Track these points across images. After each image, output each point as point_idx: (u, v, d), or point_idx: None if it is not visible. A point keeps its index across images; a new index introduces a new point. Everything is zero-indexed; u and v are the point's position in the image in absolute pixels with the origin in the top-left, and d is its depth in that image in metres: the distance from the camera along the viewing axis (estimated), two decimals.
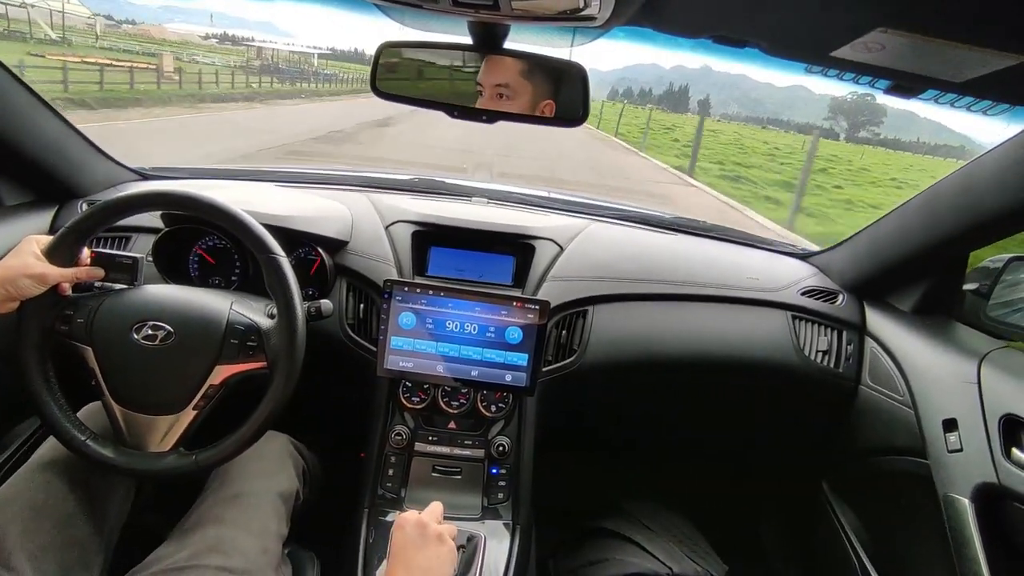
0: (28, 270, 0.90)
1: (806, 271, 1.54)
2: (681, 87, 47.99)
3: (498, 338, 1.22)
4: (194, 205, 0.99)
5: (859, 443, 1.37)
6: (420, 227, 1.41)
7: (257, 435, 0.96)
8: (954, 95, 0.82)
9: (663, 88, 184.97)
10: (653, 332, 1.38)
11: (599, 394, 1.46)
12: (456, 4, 0.69)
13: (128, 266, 1.04)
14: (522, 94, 0.96)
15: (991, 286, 1.20)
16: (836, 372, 1.37)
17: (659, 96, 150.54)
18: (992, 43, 0.63)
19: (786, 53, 0.78)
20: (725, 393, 1.49)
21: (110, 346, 0.96)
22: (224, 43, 57.35)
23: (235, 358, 0.97)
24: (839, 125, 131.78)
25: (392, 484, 1.23)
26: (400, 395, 1.26)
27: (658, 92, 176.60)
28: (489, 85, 0.95)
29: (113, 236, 1.35)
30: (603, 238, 1.50)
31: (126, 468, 0.95)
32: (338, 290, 1.33)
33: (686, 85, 52.47)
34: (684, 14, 0.74)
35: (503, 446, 1.24)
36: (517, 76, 0.95)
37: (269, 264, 0.98)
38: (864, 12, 0.62)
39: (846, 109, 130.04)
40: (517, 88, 0.95)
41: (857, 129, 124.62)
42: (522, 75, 0.95)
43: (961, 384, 1.07)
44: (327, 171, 1.76)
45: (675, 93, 61.92)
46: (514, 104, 0.96)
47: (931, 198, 1.20)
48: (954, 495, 1.01)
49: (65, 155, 1.38)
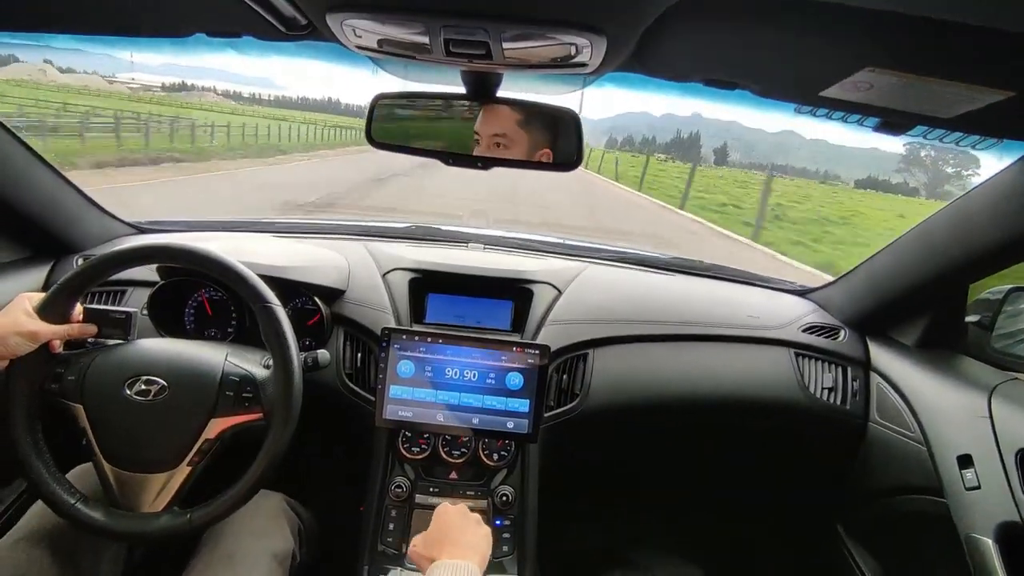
0: (19, 328, 0.89)
1: (806, 307, 1.53)
2: (692, 134, 46.45)
3: (499, 384, 1.20)
4: (190, 257, 0.98)
5: (872, 482, 1.34)
6: (417, 274, 1.41)
7: (254, 489, 0.93)
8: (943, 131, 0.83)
9: (669, 136, 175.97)
10: (656, 374, 1.36)
11: (603, 439, 1.43)
12: (449, 54, 0.70)
13: (121, 321, 1.03)
14: (519, 143, 0.97)
15: (993, 317, 1.19)
16: (844, 409, 1.34)
17: (667, 144, 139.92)
18: (979, 79, 0.64)
19: (776, 94, 0.80)
20: (732, 434, 1.45)
21: (102, 403, 0.93)
22: (174, 92, 54.82)
23: (231, 410, 0.95)
24: (915, 179, 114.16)
25: (393, 539, 1.18)
26: (400, 445, 1.23)
27: (664, 139, 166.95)
28: (487, 135, 0.97)
29: (108, 290, 1.34)
30: (601, 280, 1.50)
31: (118, 532, 0.91)
32: (335, 339, 1.31)
33: (696, 132, 51.16)
34: (675, 58, 0.76)
35: (507, 496, 1.20)
36: (514, 126, 0.96)
37: (264, 314, 0.97)
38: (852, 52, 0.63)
39: (924, 162, 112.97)
40: (514, 137, 0.97)
41: (941, 183, 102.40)
42: (519, 124, 0.96)
43: (973, 419, 1.05)
44: (323, 221, 1.77)
45: (684, 141, 59.29)
46: (510, 152, 0.98)
47: (926, 232, 1.20)
48: (976, 535, 0.98)
49: (60, 210, 1.38)
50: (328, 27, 0.67)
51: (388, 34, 0.67)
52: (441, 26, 0.63)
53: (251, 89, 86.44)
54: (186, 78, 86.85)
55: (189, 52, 0.95)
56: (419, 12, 0.61)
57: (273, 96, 72.83)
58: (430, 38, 0.66)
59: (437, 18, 0.61)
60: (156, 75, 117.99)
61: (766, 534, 1.74)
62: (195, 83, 78.84)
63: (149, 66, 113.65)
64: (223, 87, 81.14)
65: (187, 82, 61.11)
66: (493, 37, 0.64)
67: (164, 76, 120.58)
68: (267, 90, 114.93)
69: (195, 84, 76.30)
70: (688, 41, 0.70)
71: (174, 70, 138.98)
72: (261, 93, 69.73)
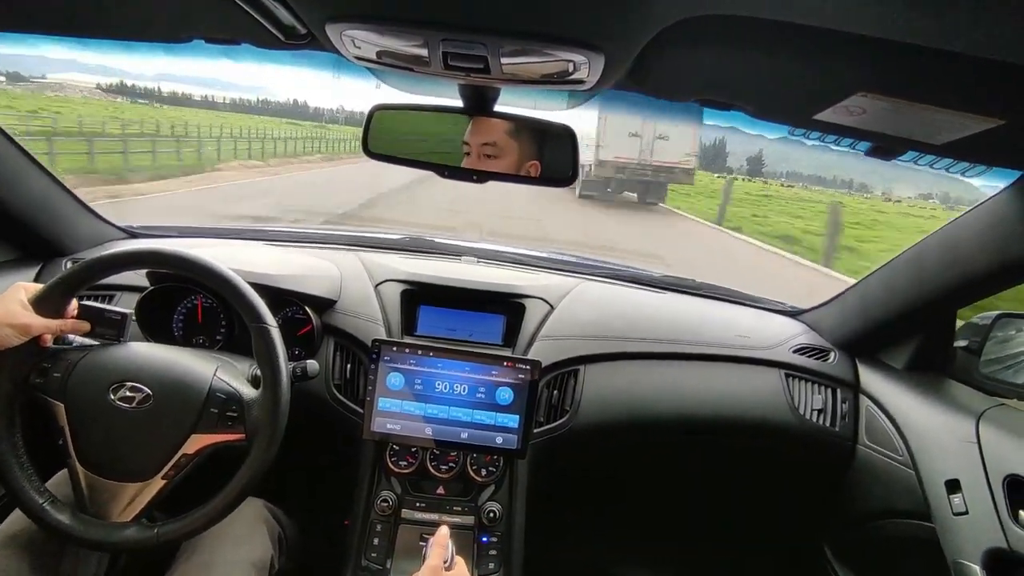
0: (12, 319, 0.87)
1: (796, 328, 1.53)
2: (718, 141, 43.82)
3: (488, 399, 1.19)
4: (188, 266, 0.98)
5: (860, 505, 1.33)
6: (409, 286, 1.40)
7: (228, 509, 0.92)
8: (933, 157, 0.84)
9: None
10: (646, 392, 1.36)
11: (592, 455, 1.42)
12: (448, 67, 0.70)
13: (116, 322, 1.01)
14: (508, 153, 0.97)
15: (981, 343, 1.20)
16: (833, 431, 1.34)
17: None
18: (969, 108, 0.65)
19: (771, 116, 0.80)
20: (721, 453, 1.45)
21: (83, 405, 0.92)
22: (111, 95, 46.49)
23: (213, 428, 0.93)
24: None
25: (377, 555, 1.16)
26: (387, 459, 1.21)
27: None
28: (476, 144, 0.97)
29: (96, 294, 1.32)
30: (593, 297, 1.50)
31: (80, 537, 0.89)
32: (325, 349, 1.30)
33: (722, 139, 48.40)
34: (671, 78, 0.77)
35: (494, 512, 1.19)
36: (503, 135, 0.96)
37: (258, 333, 0.96)
38: (845, 77, 0.64)
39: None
40: (504, 147, 0.97)
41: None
42: (509, 134, 0.96)
43: (961, 443, 1.06)
44: (315, 230, 1.77)
45: (709, 149, 56.46)
46: (501, 163, 0.97)
47: (917, 256, 1.22)
48: (964, 561, 0.97)
49: (52, 213, 1.37)
50: (328, 37, 0.67)
51: (387, 46, 0.68)
52: (440, 39, 0.63)
53: (205, 91, 75.63)
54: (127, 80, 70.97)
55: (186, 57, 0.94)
56: (419, 25, 0.62)
57: (229, 99, 64.25)
58: (429, 51, 0.66)
59: (437, 31, 0.62)
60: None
61: (754, 554, 1.73)
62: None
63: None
64: (169, 88, 68.84)
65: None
66: (492, 52, 0.64)
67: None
68: (224, 92, 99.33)
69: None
70: (685, 61, 0.71)
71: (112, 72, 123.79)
72: (215, 95, 60.92)
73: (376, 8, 0.60)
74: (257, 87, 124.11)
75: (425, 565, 0.84)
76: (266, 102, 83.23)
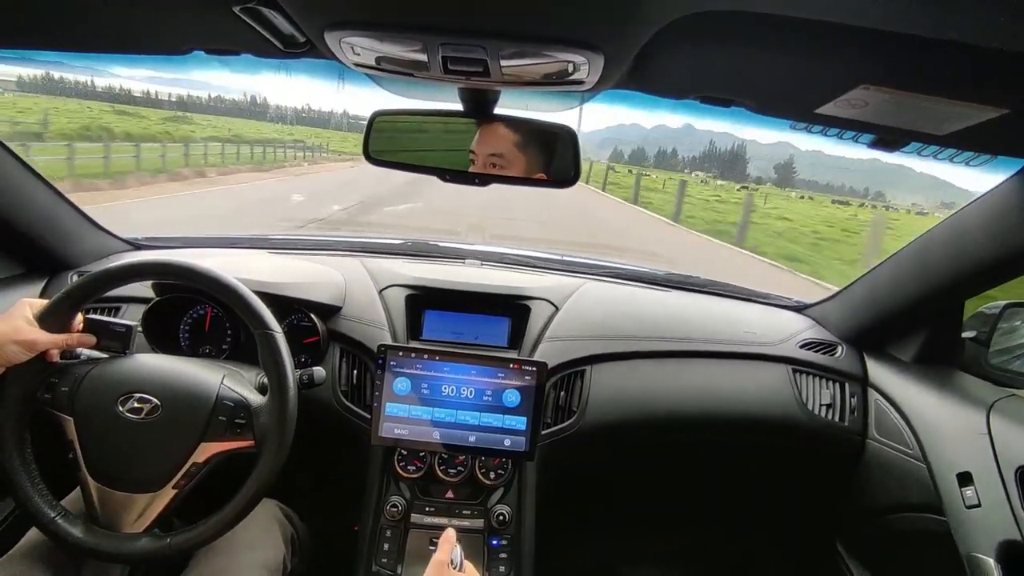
0: (18, 336, 0.87)
1: (803, 323, 1.53)
2: (738, 146, 42.03)
3: (495, 402, 1.19)
4: (192, 276, 0.98)
5: (871, 500, 1.32)
6: (414, 291, 1.40)
7: (240, 517, 0.92)
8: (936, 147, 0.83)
9: (700, 150, 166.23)
10: (653, 390, 1.35)
11: (601, 455, 1.42)
12: (447, 72, 0.70)
13: (121, 334, 1.01)
14: (515, 163, 0.97)
15: (989, 333, 1.20)
16: (842, 426, 1.34)
17: (698, 158, 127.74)
18: (972, 97, 0.65)
19: (772, 111, 0.80)
20: (730, 450, 1.45)
21: (92, 418, 0.92)
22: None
23: (222, 436, 0.93)
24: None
25: (388, 560, 1.16)
26: (395, 464, 1.21)
27: (692, 153, 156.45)
28: (483, 154, 0.97)
29: (102, 306, 1.33)
30: (598, 296, 1.50)
31: (92, 549, 0.89)
32: (331, 356, 1.30)
33: (742, 143, 46.25)
34: (671, 76, 0.76)
35: (503, 515, 1.19)
36: (511, 146, 0.96)
37: (264, 340, 0.96)
38: (847, 70, 0.64)
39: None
40: (511, 158, 0.97)
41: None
42: (516, 146, 0.96)
43: (972, 435, 1.05)
44: (319, 237, 1.77)
45: (720, 155, 53.42)
46: (507, 171, 0.98)
47: (922, 248, 1.21)
48: (977, 554, 0.97)
49: (56, 226, 1.37)
50: (327, 45, 0.67)
51: (386, 52, 0.68)
52: (439, 44, 0.63)
53: (146, 87, 65.00)
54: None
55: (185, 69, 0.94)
56: (418, 30, 0.62)
57: (176, 96, 56.55)
58: (428, 56, 0.66)
59: (435, 36, 0.62)
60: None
61: (765, 551, 1.72)
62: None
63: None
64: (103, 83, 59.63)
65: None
66: (491, 55, 0.64)
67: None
68: (169, 88, 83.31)
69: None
70: (685, 59, 0.71)
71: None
72: (159, 92, 52.58)
73: (375, 15, 0.61)
74: (210, 83, 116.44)
75: (431, 560, 0.85)
76: (220, 99, 78.42)
